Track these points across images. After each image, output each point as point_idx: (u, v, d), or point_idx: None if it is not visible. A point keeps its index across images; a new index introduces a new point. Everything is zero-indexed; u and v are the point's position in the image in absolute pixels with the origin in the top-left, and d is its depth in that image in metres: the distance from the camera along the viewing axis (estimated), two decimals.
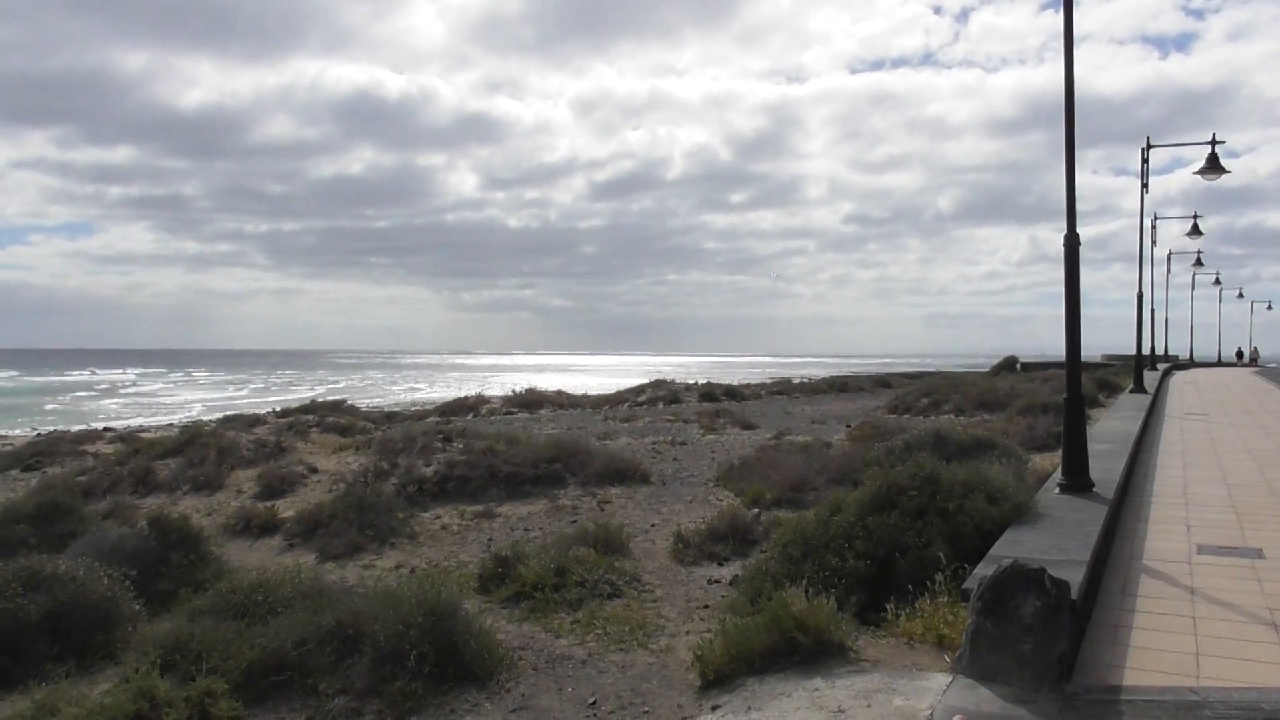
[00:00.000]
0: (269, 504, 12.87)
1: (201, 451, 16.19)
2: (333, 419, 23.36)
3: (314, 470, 15.19)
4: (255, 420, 23.48)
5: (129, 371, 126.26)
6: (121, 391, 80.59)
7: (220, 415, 27.69)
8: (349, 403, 28.88)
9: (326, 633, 6.25)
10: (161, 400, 66.75)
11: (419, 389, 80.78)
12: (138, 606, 7.66)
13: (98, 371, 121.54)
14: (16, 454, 20.37)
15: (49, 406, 59.28)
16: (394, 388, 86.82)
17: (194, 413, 29.84)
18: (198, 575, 9.00)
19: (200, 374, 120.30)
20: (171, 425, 28.72)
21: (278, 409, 28.35)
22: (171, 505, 13.05)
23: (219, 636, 6.22)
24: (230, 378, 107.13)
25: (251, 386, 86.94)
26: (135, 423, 36.00)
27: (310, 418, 23.69)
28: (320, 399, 29.47)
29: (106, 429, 28.56)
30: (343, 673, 6.01)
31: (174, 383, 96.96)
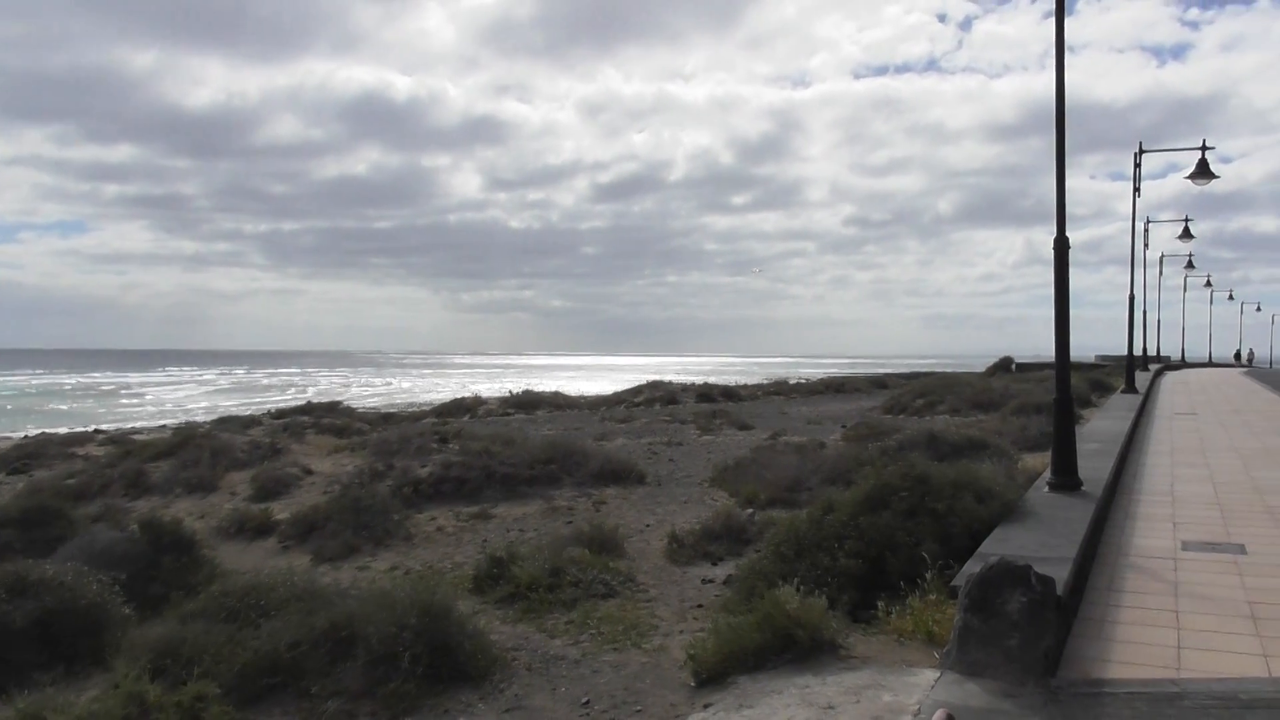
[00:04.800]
0: (263, 506, 12.87)
1: (195, 453, 16.18)
2: (328, 420, 23.40)
3: (309, 472, 15.19)
4: (250, 421, 23.51)
5: (180, 371, 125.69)
6: (177, 391, 79.95)
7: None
8: (344, 404, 28.89)
9: (320, 635, 6.25)
10: (222, 403, 62.21)
11: (474, 386, 77.48)
12: (128, 611, 7.62)
13: (107, 373, 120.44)
14: (3, 457, 20.24)
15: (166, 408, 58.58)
16: (448, 385, 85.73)
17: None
18: (190, 578, 8.99)
19: (257, 375, 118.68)
20: (164, 427, 28.68)
21: (273, 410, 28.34)
22: (164, 508, 13.04)
23: (211, 640, 6.20)
24: (280, 379, 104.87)
25: (315, 389, 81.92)
26: (127, 425, 35.94)
27: (305, 419, 23.74)
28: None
29: (97, 431, 28.47)
30: (337, 675, 6.01)
31: (238, 385, 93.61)
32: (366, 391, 79.93)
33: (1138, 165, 24.48)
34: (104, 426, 32.06)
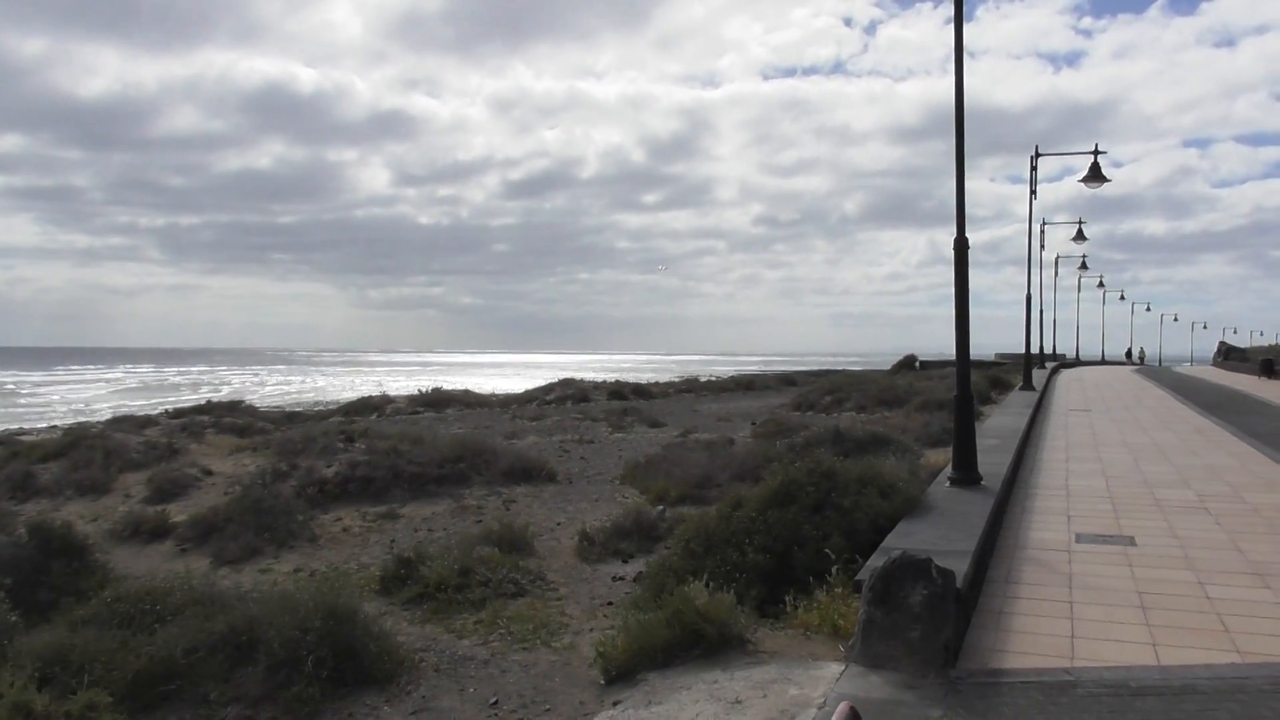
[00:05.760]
0: (160, 508, 12.41)
1: (87, 454, 15.52)
2: (229, 419, 22.70)
3: (209, 472, 14.72)
4: (146, 421, 22.65)
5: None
6: (83, 390, 75.95)
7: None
8: (246, 402, 28.06)
9: (219, 639, 6.08)
10: (133, 402, 58.02)
11: (390, 383, 75.20)
12: (14, 618, 7.27)
13: (5, 372, 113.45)
14: None
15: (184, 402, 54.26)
16: (364, 383, 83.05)
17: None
18: (81, 584, 8.62)
19: (165, 373, 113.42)
20: (55, 427, 27.44)
21: (170, 409, 27.36)
22: (53, 511, 12.49)
23: (103, 646, 5.98)
24: (189, 378, 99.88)
25: (228, 387, 79.00)
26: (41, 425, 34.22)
27: (205, 418, 23.00)
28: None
29: None
30: (236, 680, 5.86)
31: (146, 384, 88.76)
32: (280, 389, 77.77)
33: (1034, 168, 25.43)
34: (9, 426, 30.57)
